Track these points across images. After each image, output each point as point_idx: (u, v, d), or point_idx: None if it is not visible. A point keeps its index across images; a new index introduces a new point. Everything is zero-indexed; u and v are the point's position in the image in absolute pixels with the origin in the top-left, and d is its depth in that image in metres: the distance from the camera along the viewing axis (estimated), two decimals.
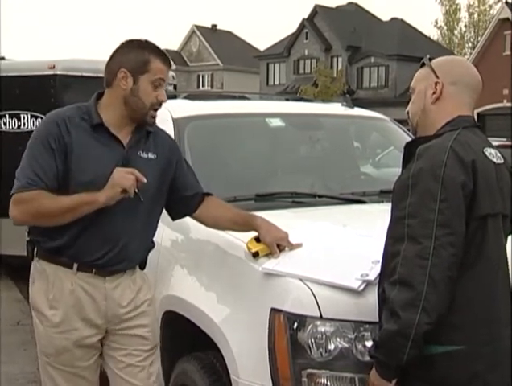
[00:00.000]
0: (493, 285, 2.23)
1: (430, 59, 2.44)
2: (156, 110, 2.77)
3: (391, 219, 2.25)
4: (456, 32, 55.77)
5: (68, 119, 2.70)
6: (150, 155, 2.82)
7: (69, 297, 2.71)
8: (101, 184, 2.62)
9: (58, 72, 8.11)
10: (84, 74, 8.03)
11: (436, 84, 2.38)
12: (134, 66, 2.69)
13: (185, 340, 3.12)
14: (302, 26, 46.15)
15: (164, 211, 2.97)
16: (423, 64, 2.44)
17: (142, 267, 2.92)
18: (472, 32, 55.01)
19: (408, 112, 2.46)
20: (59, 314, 2.71)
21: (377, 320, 2.28)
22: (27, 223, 2.80)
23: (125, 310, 2.82)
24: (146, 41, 2.77)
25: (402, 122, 5.30)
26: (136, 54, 2.70)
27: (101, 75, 2.81)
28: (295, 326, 2.42)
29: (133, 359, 2.85)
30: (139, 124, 2.78)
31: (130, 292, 2.83)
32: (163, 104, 2.81)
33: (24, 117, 8.15)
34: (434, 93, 2.37)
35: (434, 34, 54.94)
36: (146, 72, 2.69)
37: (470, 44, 54.46)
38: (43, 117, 7.96)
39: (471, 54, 37.75)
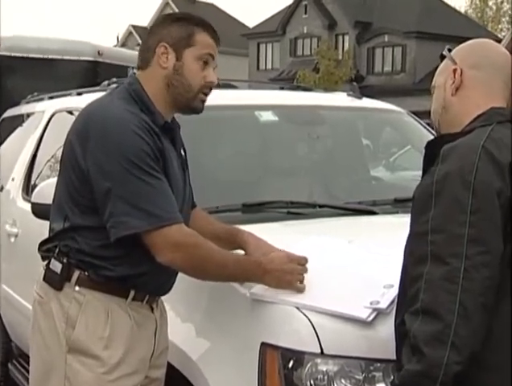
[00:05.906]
0: None
1: (449, 50, 2.46)
2: (206, 94, 2.75)
3: (410, 235, 2.23)
4: (490, 3, 55.99)
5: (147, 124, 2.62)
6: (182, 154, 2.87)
7: (128, 332, 2.66)
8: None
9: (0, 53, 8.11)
10: (31, 55, 7.97)
11: (455, 70, 2.39)
12: (176, 39, 2.68)
13: None
14: None
15: None
16: (444, 57, 2.47)
17: None
18: (511, 3, 55.25)
19: (430, 114, 2.49)
20: (118, 355, 2.63)
21: (390, 357, 2.30)
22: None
23: (166, 344, 2.85)
24: (190, 14, 2.81)
25: (421, 115, 5.36)
26: (179, 26, 2.71)
27: (52, 56, 2.80)
28: (291, 364, 2.44)
29: None
30: (185, 112, 2.79)
31: (166, 321, 2.87)
32: None
33: None
34: (453, 83, 2.39)
35: (462, 5, 55.16)
36: (191, 46, 2.69)
37: (508, 18, 54.66)
38: None
39: (508, 30, 37.88)
